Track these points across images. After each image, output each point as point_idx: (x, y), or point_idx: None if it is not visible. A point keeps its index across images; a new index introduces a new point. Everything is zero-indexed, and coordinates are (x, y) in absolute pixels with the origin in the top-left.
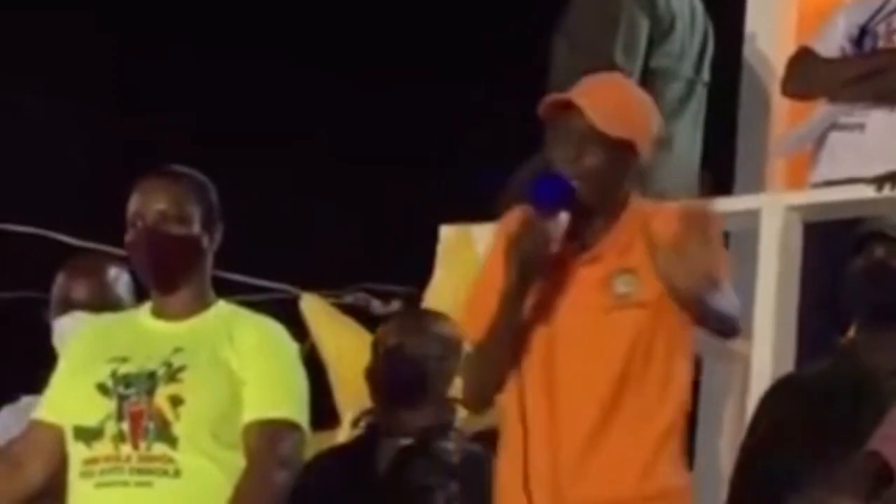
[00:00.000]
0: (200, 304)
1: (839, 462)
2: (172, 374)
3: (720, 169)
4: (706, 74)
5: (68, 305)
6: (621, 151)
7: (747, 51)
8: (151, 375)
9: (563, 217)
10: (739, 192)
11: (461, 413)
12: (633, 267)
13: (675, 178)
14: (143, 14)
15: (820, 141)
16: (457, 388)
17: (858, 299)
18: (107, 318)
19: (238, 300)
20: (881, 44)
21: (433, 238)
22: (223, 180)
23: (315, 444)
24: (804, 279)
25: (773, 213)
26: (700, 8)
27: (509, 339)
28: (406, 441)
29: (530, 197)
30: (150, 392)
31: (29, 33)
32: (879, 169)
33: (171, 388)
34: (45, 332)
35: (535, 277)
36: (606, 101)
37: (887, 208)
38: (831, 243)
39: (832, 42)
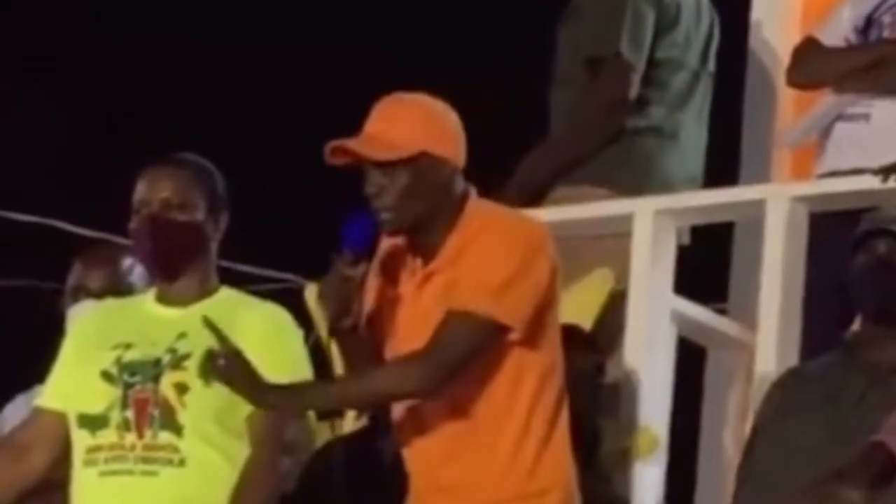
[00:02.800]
0: (205, 291)
1: (845, 454)
2: (177, 362)
3: (726, 159)
4: (711, 64)
5: (82, 293)
6: (419, 165)
7: (753, 40)
8: (157, 363)
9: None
10: (745, 182)
11: None
12: (455, 279)
13: (681, 169)
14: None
15: (825, 131)
16: None
17: (862, 296)
18: (110, 304)
19: (244, 290)
20: (886, 34)
21: None
22: (230, 169)
23: (319, 434)
24: (809, 269)
25: (778, 203)
26: None
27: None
28: None
29: (343, 242)
30: (156, 379)
31: (29, 28)
32: (885, 159)
33: (177, 376)
34: (60, 321)
35: (349, 322)
36: (378, 127)
37: (893, 198)
38: (837, 234)
39: (838, 32)
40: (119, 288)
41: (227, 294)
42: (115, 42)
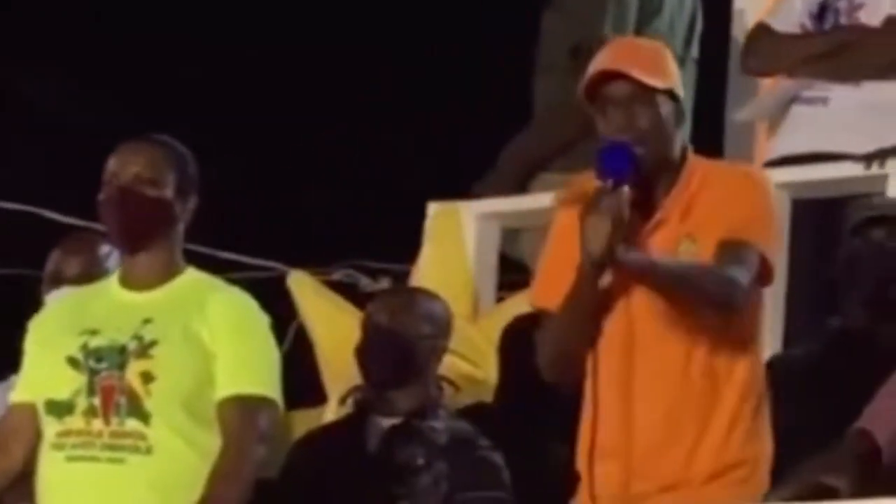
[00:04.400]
0: (169, 272)
1: (831, 440)
2: (143, 350)
3: (709, 145)
4: (695, 51)
5: (60, 280)
6: (666, 103)
7: (736, 27)
8: (122, 350)
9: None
10: None
11: (448, 390)
12: (691, 232)
13: None
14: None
15: (782, 113)
16: (444, 366)
17: (856, 280)
18: (76, 291)
19: (225, 278)
20: (843, 20)
21: (421, 214)
22: (213, 157)
23: (302, 421)
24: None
25: None
26: None
27: (592, 310)
28: (394, 420)
29: (598, 170)
30: (122, 367)
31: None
32: (844, 142)
33: (142, 364)
34: (37, 310)
35: (616, 248)
36: (640, 57)
37: (875, 185)
38: (820, 221)
39: (791, 17)
40: (97, 275)
41: (193, 276)
42: (115, 35)
